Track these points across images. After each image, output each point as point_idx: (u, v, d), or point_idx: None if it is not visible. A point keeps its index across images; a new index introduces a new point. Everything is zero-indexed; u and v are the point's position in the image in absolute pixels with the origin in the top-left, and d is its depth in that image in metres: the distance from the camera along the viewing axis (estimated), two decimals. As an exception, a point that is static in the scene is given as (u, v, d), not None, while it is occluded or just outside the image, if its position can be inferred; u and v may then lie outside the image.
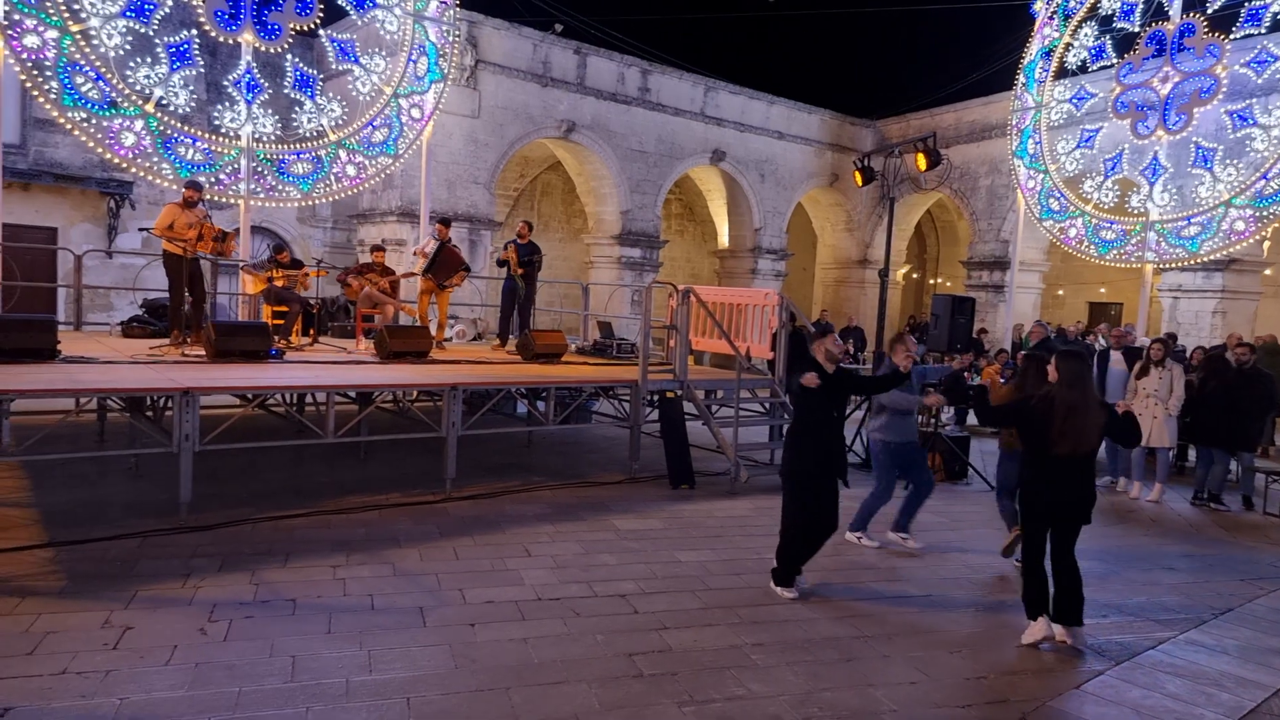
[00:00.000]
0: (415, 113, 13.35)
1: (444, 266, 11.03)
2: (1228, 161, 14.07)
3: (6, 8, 10.10)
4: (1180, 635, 5.50)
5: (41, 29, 10.33)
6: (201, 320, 9.16)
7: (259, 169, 12.12)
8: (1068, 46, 15.98)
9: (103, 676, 4.06)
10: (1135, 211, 15.19)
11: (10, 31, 10.16)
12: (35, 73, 10.41)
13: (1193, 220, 14.45)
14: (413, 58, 13.18)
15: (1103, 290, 25.65)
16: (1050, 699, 4.47)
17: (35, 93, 10.56)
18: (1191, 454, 10.97)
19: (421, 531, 6.66)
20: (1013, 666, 4.84)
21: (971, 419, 14.55)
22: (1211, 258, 14.60)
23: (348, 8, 12.56)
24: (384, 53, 13.13)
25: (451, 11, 13.63)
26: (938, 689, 4.48)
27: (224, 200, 12.09)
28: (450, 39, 13.71)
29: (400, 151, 13.32)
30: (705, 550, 6.61)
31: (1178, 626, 5.65)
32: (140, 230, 12.23)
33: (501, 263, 11.65)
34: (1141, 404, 9.51)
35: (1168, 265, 15.37)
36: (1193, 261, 14.89)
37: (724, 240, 24.30)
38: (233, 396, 8.23)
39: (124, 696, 3.89)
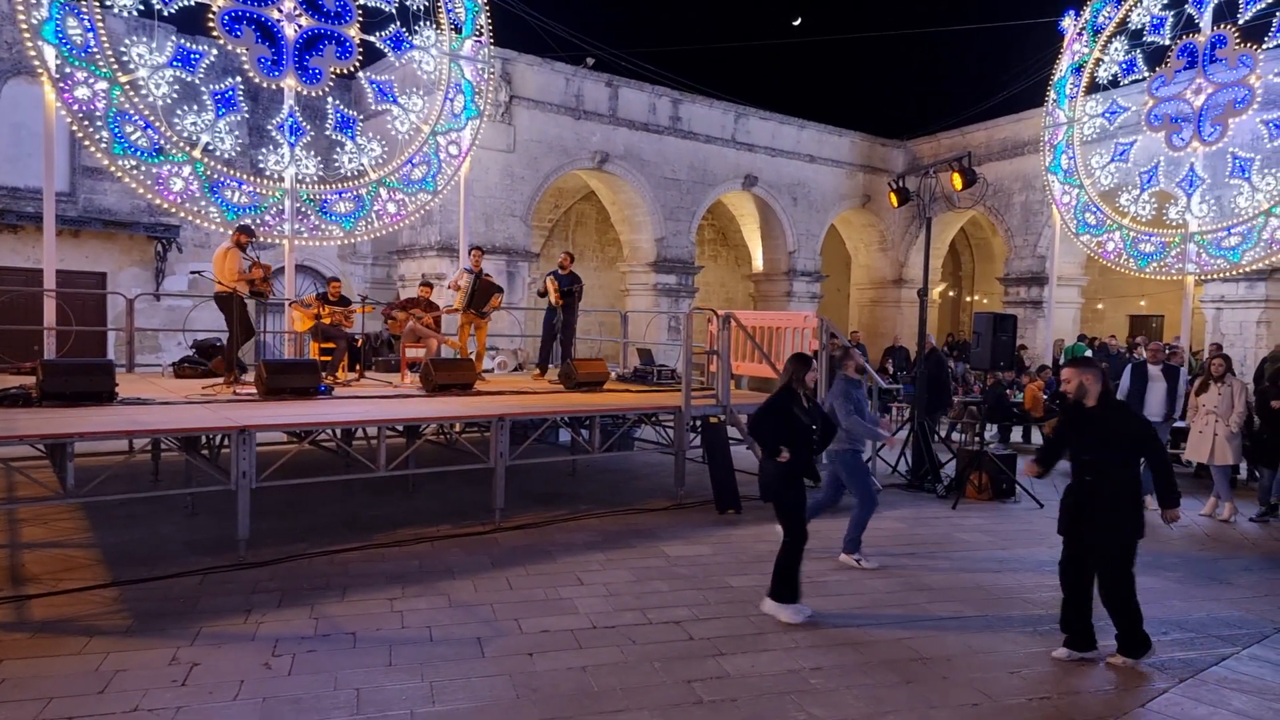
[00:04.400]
0: (453, 149, 13.63)
1: (482, 296, 11.21)
2: (1266, 171, 13.92)
3: (58, 61, 10.49)
4: (1243, 650, 5.41)
5: (92, 81, 10.71)
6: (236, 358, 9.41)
7: (302, 209, 12.42)
8: (1098, 61, 15.95)
9: (173, 713, 4.14)
10: (1174, 223, 15.04)
11: (62, 84, 10.54)
12: (86, 123, 10.78)
13: (1233, 230, 14.29)
14: (449, 96, 13.48)
15: (1143, 303, 25.32)
16: (1116, 717, 4.41)
17: (86, 142, 10.93)
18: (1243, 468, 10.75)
19: (474, 562, 6.73)
20: (1075, 686, 4.78)
21: (1015, 436, 14.40)
22: (1254, 267, 14.39)
23: (386, 50, 12.88)
24: (421, 92, 13.45)
25: (486, 50, 13.93)
26: (1000, 710, 4.44)
27: (269, 240, 12.38)
28: (485, 76, 14.01)
29: (439, 188, 13.59)
30: (756, 575, 6.59)
31: (1240, 642, 5.55)
32: (192, 273, 12.55)
33: (542, 294, 11.82)
34: (1202, 421, 9.32)
35: (1209, 276, 15.17)
36: (1235, 272, 14.69)
37: (758, 264, 24.35)
38: (283, 433, 8.39)
39: (196, 731, 3.98)
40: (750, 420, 5.91)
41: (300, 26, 11.87)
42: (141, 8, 10.91)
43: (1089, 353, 16.38)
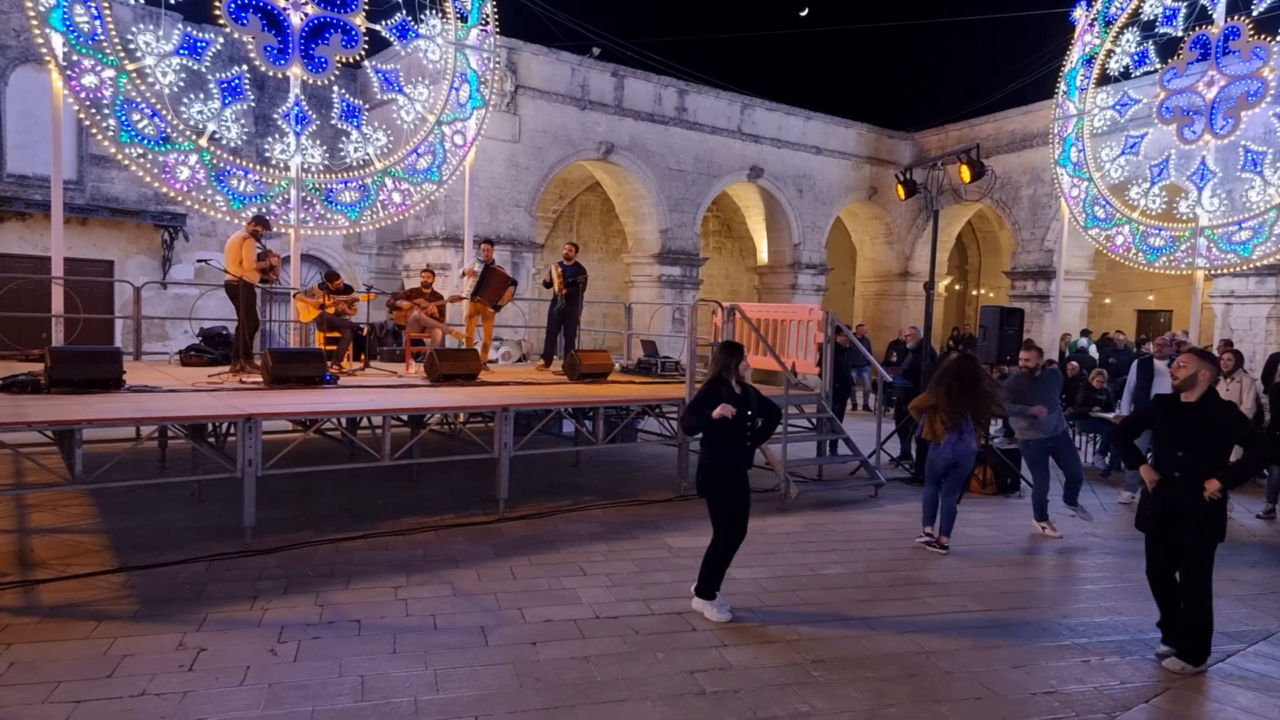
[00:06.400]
0: (458, 139, 13.60)
1: (492, 287, 11.18)
2: (1278, 164, 13.81)
3: (66, 49, 10.49)
4: (1249, 648, 5.41)
5: (99, 68, 10.69)
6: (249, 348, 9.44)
7: (308, 198, 12.41)
8: (1109, 53, 15.82)
9: (180, 698, 4.17)
10: (1184, 217, 14.95)
11: (69, 71, 10.53)
12: (93, 111, 10.78)
13: (1244, 225, 14.19)
14: (455, 85, 13.45)
15: (1151, 298, 25.21)
16: (1119, 713, 4.41)
17: (94, 130, 10.93)
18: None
19: (478, 552, 6.75)
20: (1080, 681, 4.78)
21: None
22: (1264, 262, 14.31)
23: (391, 38, 12.85)
24: (427, 81, 13.42)
25: (492, 39, 13.89)
26: (1003, 704, 4.44)
27: (275, 230, 12.38)
28: (491, 66, 13.97)
29: (444, 178, 13.57)
30: (759, 568, 6.61)
31: (1246, 639, 5.55)
32: (199, 261, 12.57)
33: (547, 284, 11.80)
34: None
35: (1219, 271, 15.09)
36: (1245, 267, 14.60)
37: (763, 256, 24.30)
38: (288, 422, 8.42)
39: (202, 717, 4.00)
40: (684, 415, 5.76)
41: (306, 15, 11.84)
42: (149, -5, 10.90)
43: (1093, 348, 16.32)
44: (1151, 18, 15.08)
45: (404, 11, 12.79)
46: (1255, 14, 13.77)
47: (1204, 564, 4.96)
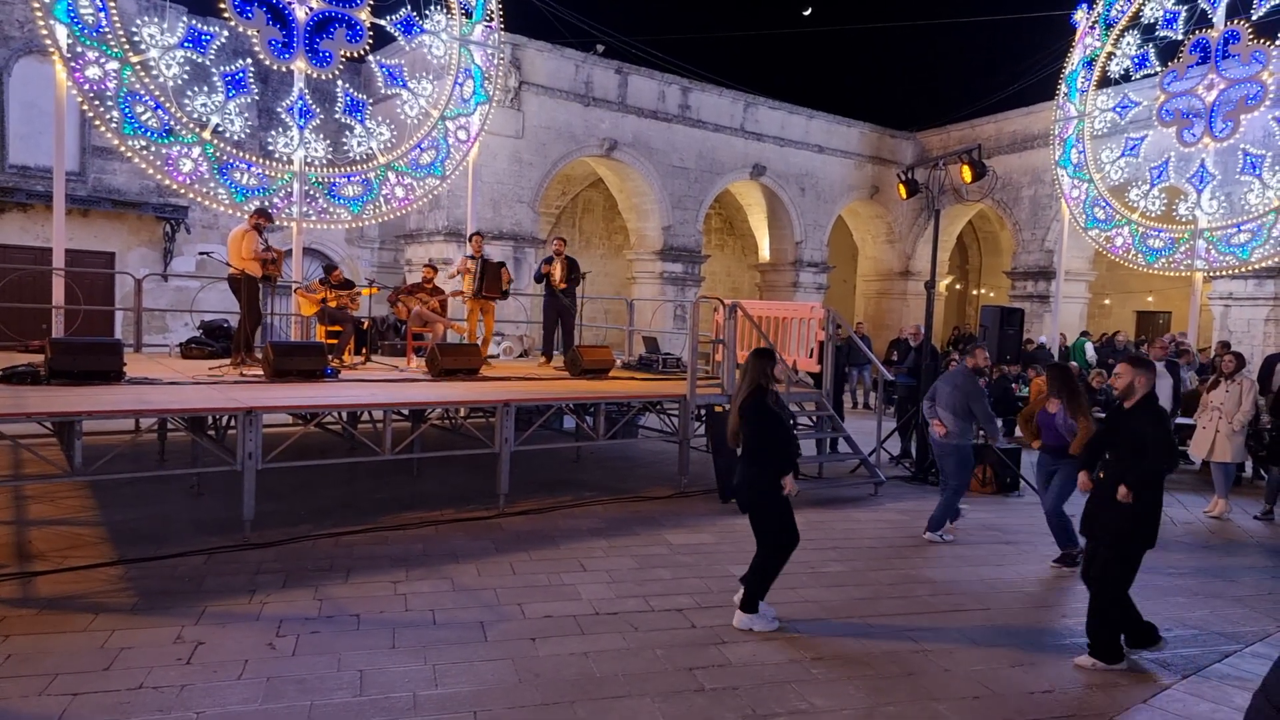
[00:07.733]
0: (461, 134, 13.60)
1: (492, 279, 11.15)
2: (1277, 167, 13.82)
3: (70, 40, 10.49)
4: (1246, 649, 5.41)
5: (103, 60, 10.70)
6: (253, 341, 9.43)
7: (311, 192, 12.41)
8: (1110, 55, 15.83)
9: (178, 691, 4.17)
10: (1183, 219, 14.97)
11: (73, 63, 10.54)
12: (96, 102, 10.78)
13: (1243, 227, 14.21)
14: (459, 81, 13.45)
15: (1150, 299, 25.24)
16: (1117, 714, 4.41)
17: (97, 122, 10.93)
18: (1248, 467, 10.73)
19: (478, 547, 6.75)
20: (1078, 681, 4.79)
21: (1019, 430, 14.36)
22: (1263, 265, 14.33)
23: (396, 33, 12.84)
24: (431, 76, 13.42)
25: (496, 35, 13.89)
26: (1002, 704, 4.45)
27: (277, 223, 12.39)
28: (495, 62, 13.97)
29: (447, 173, 13.57)
30: (758, 565, 6.60)
31: (1243, 640, 5.55)
32: (200, 254, 12.56)
33: (541, 278, 11.59)
34: (1207, 418, 9.31)
35: (1218, 273, 15.11)
36: (1243, 269, 14.62)
37: (765, 254, 24.33)
38: (288, 415, 8.41)
39: (200, 710, 3.99)
40: (764, 435, 5.26)
41: (311, 9, 11.83)
42: (152, -13, 10.89)
43: (1089, 346, 16.33)
44: (1152, 21, 15.09)
45: (409, 7, 12.80)
46: (1255, 18, 13.78)
47: (1114, 566, 4.96)
